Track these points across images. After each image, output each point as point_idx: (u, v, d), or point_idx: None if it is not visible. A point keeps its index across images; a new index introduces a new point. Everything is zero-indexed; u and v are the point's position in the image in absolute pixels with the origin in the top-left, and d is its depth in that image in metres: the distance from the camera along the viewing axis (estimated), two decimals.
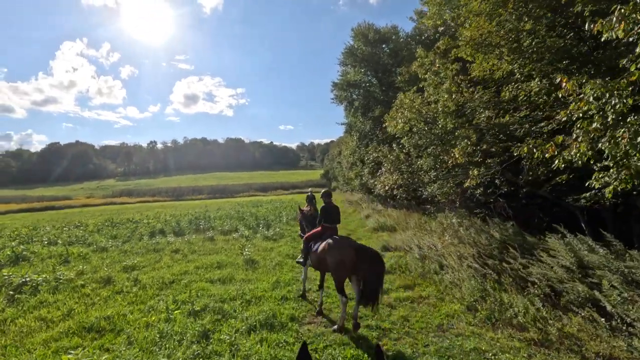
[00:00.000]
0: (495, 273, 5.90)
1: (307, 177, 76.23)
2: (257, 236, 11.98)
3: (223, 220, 15.59)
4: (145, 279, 6.85)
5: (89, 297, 5.81)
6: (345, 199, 29.77)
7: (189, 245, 10.49)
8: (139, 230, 13.36)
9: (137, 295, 5.80)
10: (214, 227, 13.92)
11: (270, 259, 8.62)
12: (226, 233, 12.91)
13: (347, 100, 20.67)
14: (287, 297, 5.75)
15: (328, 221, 5.39)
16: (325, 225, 5.38)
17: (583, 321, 4.35)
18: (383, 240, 10.51)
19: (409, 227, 12.49)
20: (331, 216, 5.42)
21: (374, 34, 19.81)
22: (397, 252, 9.22)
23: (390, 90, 18.45)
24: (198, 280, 6.70)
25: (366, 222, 15.47)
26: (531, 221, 10.09)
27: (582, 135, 3.43)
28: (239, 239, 11.60)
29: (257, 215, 17.34)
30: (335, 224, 5.45)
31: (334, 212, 5.47)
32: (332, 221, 5.42)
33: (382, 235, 12.02)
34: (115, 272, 7.43)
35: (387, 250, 9.77)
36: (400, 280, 6.97)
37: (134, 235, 12.44)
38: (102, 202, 52.47)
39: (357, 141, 20.60)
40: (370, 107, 19.22)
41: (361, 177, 22.33)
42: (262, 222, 14.43)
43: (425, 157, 11.10)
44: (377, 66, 19.21)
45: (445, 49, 8.42)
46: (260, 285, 6.34)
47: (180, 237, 12.20)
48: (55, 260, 8.57)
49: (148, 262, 8.44)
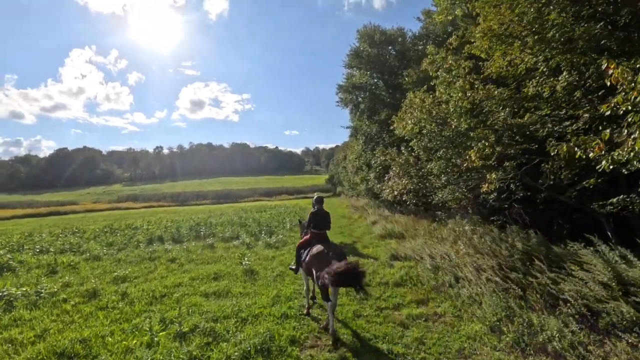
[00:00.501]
0: (520, 288, 5.28)
1: (312, 182, 75.76)
2: (258, 244, 11.45)
3: (225, 226, 15.08)
4: (135, 292, 6.33)
5: (69, 315, 5.28)
6: (350, 204, 29.17)
7: (186, 254, 9.99)
8: (136, 237, 12.88)
9: (122, 312, 5.26)
10: (215, 233, 13.44)
11: (271, 269, 8.07)
12: (227, 240, 12.40)
13: (352, 103, 20.16)
14: (288, 315, 5.18)
15: (317, 227, 5.32)
16: (313, 231, 5.31)
17: (630, 348, 3.73)
18: (391, 249, 9.90)
19: (419, 235, 11.87)
20: (321, 222, 5.36)
21: (379, 36, 19.35)
22: (407, 262, 8.62)
23: (397, 93, 17.93)
24: (191, 294, 6.16)
25: (373, 228, 14.87)
26: (550, 229, 9.45)
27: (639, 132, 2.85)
28: (239, 247, 11.07)
29: (259, 221, 16.82)
30: (324, 230, 5.37)
31: (324, 218, 5.42)
32: (321, 227, 5.34)
33: (390, 242, 11.42)
34: (103, 284, 6.92)
35: (396, 259, 9.17)
36: (411, 294, 6.37)
37: (131, 242, 11.97)
38: (107, 208, 52.42)
39: (363, 145, 20.06)
40: (377, 110, 18.69)
41: (367, 182, 21.74)
42: (265, 229, 13.91)
43: (435, 160, 10.53)
44: (383, 68, 18.72)
45: (458, 45, 7.88)
46: (258, 300, 5.79)
47: (179, 245, 11.72)
48: (42, 270, 8.10)
49: (141, 272, 7.93)
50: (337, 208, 26.93)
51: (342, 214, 22.97)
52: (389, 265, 8.57)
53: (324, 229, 5.36)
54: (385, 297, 6.23)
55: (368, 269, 8.24)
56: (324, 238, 5.27)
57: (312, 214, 5.41)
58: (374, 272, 7.98)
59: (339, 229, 15.48)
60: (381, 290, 6.60)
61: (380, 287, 6.80)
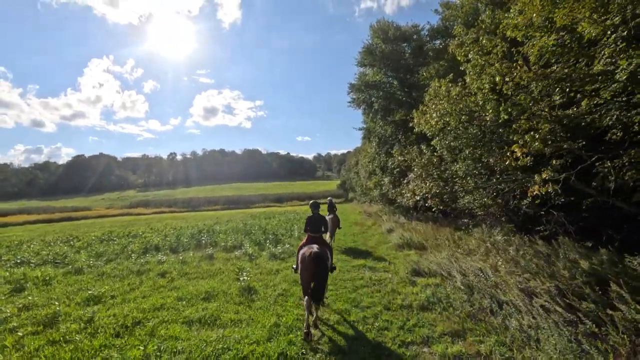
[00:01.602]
0: (594, 323, 3.98)
1: (324, 188, 74.59)
2: (263, 254, 10.34)
3: (228, 234, 14.03)
4: (104, 317, 5.23)
5: (6, 353, 4.20)
6: (363, 211, 27.80)
7: (180, 266, 8.93)
8: (132, 246, 11.89)
9: (76, 349, 4.14)
10: (217, 242, 12.39)
11: (272, 287, 6.92)
12: (229, 250, 11.34)
13: (365, 102, 18.93)
14: (287, 355, 4.00)
15: (312, 230, 5.78)
16: (310, 234, 5.76)
17: None
18: (412, 262, 8.63)
19: (441, 245, 10.54)
20: (315, 226, 5.81)
21: (394, 31, 18.18)
22: (431, 279, 7.33)
23: (414, 91, 16.70)
24: (171, 321, 5.05)
25: (389, 237, 13.58)
26: (597, 240, 8.06)
27: None
28: (241, 258, 9.98)
29: (266, 228, 15.72)
30: (318, 233, 5.77)
31: (319, 222, 5.86)
32: (315, 230, 5.77)
33: (410, 254, 10.14)
34: (70, 307, 5.83)
35: (418, 275, 7.90)
36: (442, 322, 5.13)
37: (124, 252, 10.99)
38: (119, 213, 52.37)
39: (377, 147, 18.81)
40: (391, 110, 17.46)
41: (381, 187, 20.45)
42: (271, 237, 12.79)
43: (461, 161, 9.25)
44: (398, 65, 17.51)
45: (491, 25, 6.68)
46: (252, 332, 4.64)
47: (176, 255, 10.71)
48: (8, 287, 7.11)
49: (122, 289, 6.83)
50: (349, 214, 25.62)
51: (354, 220, 21.69)
52: (410, 282, 7.32)
53: (319, 232, 5.78)
54: (410, 327, 5.01)
55: (386, 287, 7.02)
56: (319, 239, 5.66)
57: (308, 218, 5.93)
58: (393, 291, 6.75)
59: (351, 237, 14.26)
60: (404, 317, 5.37)
61: (402, 312, 5.58)
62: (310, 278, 4.82)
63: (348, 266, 8.87)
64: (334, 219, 11.67)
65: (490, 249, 8.40)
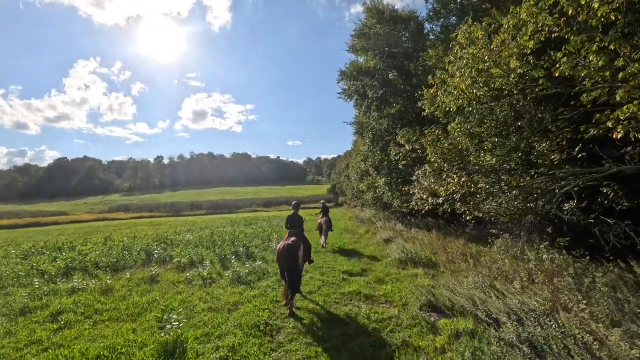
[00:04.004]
0: None
1: (314, 192, 72.17)
2: (225, 274, 7.81)
3: (189, 247, 11.41)
4: None
5: None
6: (355, 216, 25.31)
7: (98, 298, 6.32)
8: (56, 264, 9.05)
9: None
10: (172, 257, 9.77)
11: (216, 340, 4.40)
12: (183, 268, 8.77)
13: (357, 93, 16.50)
14: None
15: (291, 227, 6.45)
16: (289, 230, 6.42)
17: None
18: (422, 288, 6.18)
19: (457, 261, 8.16)
20: (294, 223, 6.51)
21: (391, 12, 15.96)
22: (461, 321, 4.86)
23: (415, 77, 14.42)
24: None
25: (387, 248, 11.18)
26: None
27: None
28: (193, 281, 7.45)
29: (238, 238, 13.11)
30: (296, 230, 6.38)
31: (297, 220, 6.56)
32: (294, 227, 6.43)
33: (418, 273, 7.71)
34: None
35: (436, 310, 5.47)
36: None
37: (30, 274, 8.07)
38: (94, 218, 48.95)
39: (370, 144, 16.41)
40: (388, 101, 15.13)
41: (375, 190, 18.05)
42: (242, 250, 10.22)
43: (485, 152, 6.89)
44: (396, 50, 15.24)
45: None
46: None
47: (112, 276, 8.12)
48: None
49: None
50: (339, 221, 23.09)
51: (344, 227, 19.21)
52: (429, 326, 4.85)
53: (296, 229, 6.40)
54: None
55: (393, 336, 4.57)
56: (297, 234, 6.20)
57: (288, 217, 6.63)
58: (405, 344, 4.30)
59: (340, 247, 11.79)
60: None
61: None
62: (284, 267, 5.57)
63: (337, 294, 6.41)
64: (327, 221, 12.23)
65: (533, 272, 6.02)
